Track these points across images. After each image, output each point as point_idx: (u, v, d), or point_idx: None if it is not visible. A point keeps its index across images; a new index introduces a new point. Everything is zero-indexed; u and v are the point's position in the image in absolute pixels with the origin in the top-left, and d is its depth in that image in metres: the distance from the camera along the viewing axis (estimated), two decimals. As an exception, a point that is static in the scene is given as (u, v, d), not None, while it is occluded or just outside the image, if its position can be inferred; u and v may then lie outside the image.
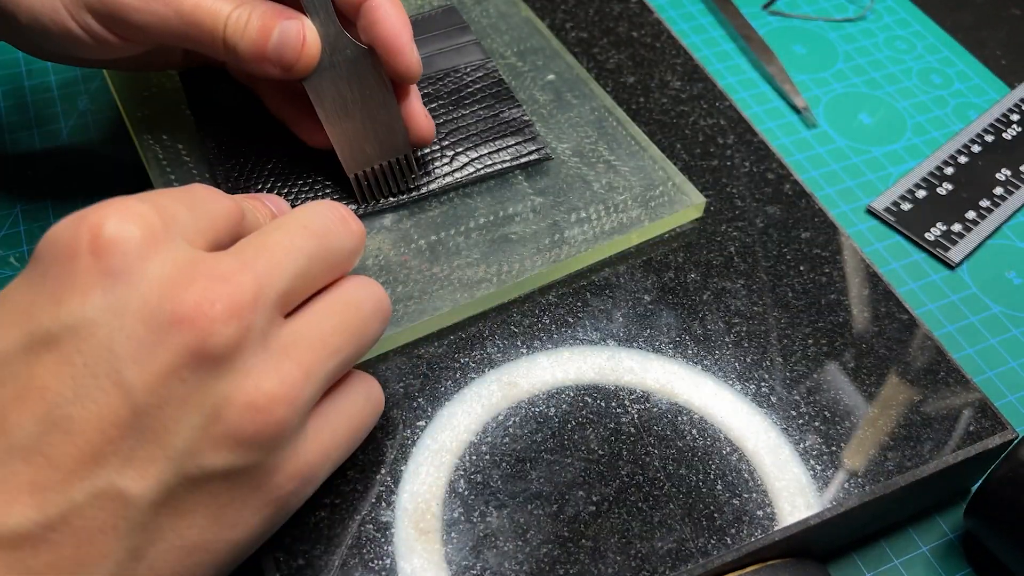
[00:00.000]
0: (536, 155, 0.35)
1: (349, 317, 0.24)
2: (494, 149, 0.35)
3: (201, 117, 0.35)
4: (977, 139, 0.45)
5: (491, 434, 0.29)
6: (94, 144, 0.41)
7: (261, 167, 0.34)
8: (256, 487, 0.22)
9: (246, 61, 0.29)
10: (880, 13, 0.52)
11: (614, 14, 0.44)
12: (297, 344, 0.22)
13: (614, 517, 0.27)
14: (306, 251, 0.23)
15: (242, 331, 0.21)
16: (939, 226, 0.41)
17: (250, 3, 0.29)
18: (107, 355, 0.20)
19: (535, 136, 0.36)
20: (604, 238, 0.33)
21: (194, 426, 0.20)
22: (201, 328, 0.20)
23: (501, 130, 0.36)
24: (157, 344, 0.20)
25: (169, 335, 0.20)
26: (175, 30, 0.29)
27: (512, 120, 0.36)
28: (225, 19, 0.29)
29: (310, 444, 0.23)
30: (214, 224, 0.23)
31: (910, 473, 0.29)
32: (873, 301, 0.33)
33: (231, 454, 0.21)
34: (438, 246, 0.33)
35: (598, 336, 0.31)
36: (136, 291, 0.20)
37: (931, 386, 0.31)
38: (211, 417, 0.20)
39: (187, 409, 0.20)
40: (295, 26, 0.29)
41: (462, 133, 0.36)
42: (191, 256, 0.21)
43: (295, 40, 0.29)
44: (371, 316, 0.25)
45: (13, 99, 0.42)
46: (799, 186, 0.37)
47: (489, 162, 0.35)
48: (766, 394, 0.30)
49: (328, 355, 0.23)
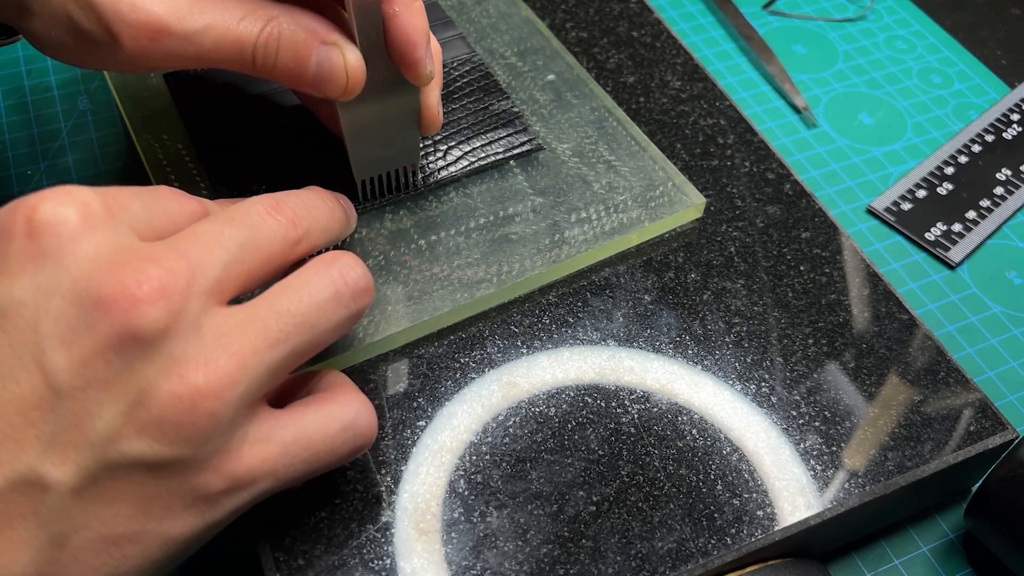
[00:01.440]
0: (528, 146, 0.35)
1: (298, 304, 0.23)
2: (486, 141, 0.35)
3: (191, 120, 0.35)
4: (977, 139, 0.45)
5: (491, 434, 0.29)
6: (94, 144, 0.41)
7: (256, 167, 0.34)
8: (183, 481, 0.21)
9: (286, 84, 0.28)
10: (880, 13, 0.52)
11: (614, 14, 0.44)
12: (234, 334, 0.21)
13: (614, 517, 0.27)
14: (236, 239, 0.23)
15: (171, 314, 0.20)
16: (939, 226, 0.41)
17: (280, 17, 0.27)
18: (32, 336, 0.20)
19: (526, 127, 0.36)
20: (604, 238, 0.33)
21: (117, 411, 0.20)
22: (127, 309, 0.20)
23: (492, 122, 0.36)
24: (83, 326, 0.20)
25: (96, 317, 0.20)
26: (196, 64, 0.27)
27: (502, 112, 0.37)
28: (252, 49, 0.26)
29: (250, 447, 0.22)
30: (171, 221, 0.23)
31: (910, 473, 0.29)
32: (873, 301, 0.33)
33: (155, 443, 0.20)
34: (438, 246, 0.33)
35: (598, 336, 0.31)
36: (66, 272, 0.20)
37: (931, 386, 0.31)
38: (135, 403, 0.20)
39: (111, 393, 0.20)
40: (335, 56, 0.27)
41: (453, 127, 0.36)
42: (127, 242, 0.21)
43: (339, 71, 0.27)
44: (328, 301, 0.23)
45: (13, 99, 0.42)
46: (799, 186, 0.37)
47: (483, 154, 0.35)
48: (766, 394, 0.30)
49: (269, 345, 0.22)
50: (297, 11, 0.27)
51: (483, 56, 0.39)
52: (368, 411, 0.25)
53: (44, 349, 0.20)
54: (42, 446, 0.20)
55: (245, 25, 0.26)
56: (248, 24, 0.26)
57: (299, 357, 0.23)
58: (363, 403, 0.25)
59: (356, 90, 0.28)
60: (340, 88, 0.27)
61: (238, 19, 0.26)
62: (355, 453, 0.25)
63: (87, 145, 0.40)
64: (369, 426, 0.25)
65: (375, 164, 0.32)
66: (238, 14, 0.26)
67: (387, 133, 0.31)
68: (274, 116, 0.36)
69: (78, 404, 0.20)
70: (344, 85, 0.27)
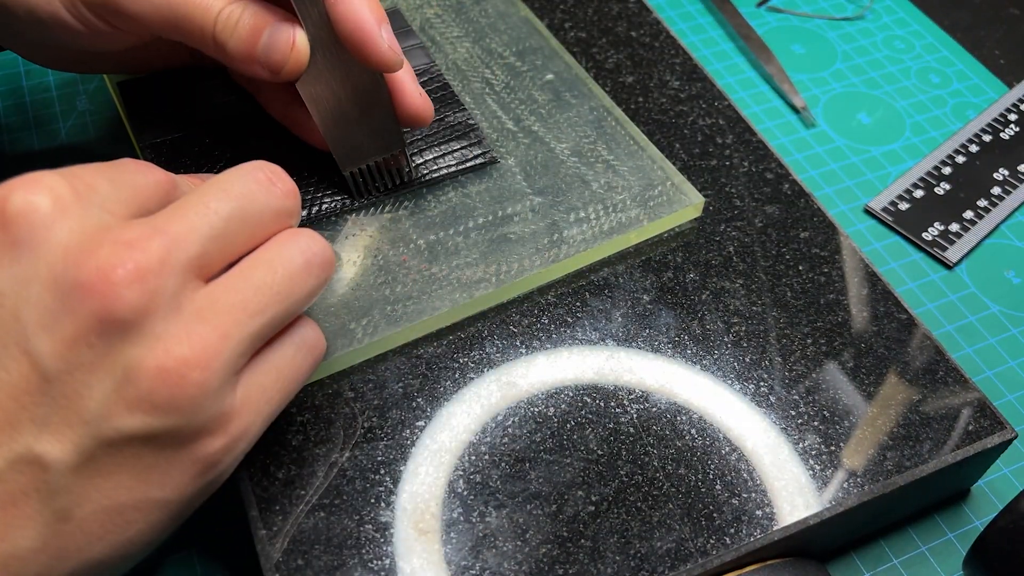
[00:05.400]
0: (481, 159, 0.35)
1: (273, 276, 0.23)
2: (439, 154, 0.35)
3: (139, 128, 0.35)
4: (975, 139, 0.45)
5: (490, 434, 0.29)
6: (93, 144, 0.41)
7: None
8: (180, 448, 0.22)
9: (235, 60, 0.29)
10: (879, 12, 0.52)
11: (613, 14, 0.44)
12: (214, 307, 0.22)
13: (613, 517, 0.27)
14: (222, 213, 0.23)
15: (147, 295, 0.21)
16: (937, 226, 0.41)
17: (244, 1, 0.29)
18: (15, 324, 0.20)
19: (480, 140, 0.36)
20: (603, 238, 0.33)
21: (106, 391, 0.21)
22: (104, 293, 0.20)
23: (446, 134, 0.36)
24: (63, 311, 0.20)
25: (75, 302, 0.20)
26: (168, 22, 0.29)
27: (457, 124, 0.36)
28: (215, 15, 0.28)
29: (239, 404, 0.23)
30: (139, 195, 0.23)
31: (909, 473, 0.29)
32: (872, 301, 0.33)
33: (147, 417, 0.21)
34: (437, 246, 0.33)
35: (597, 336, 0.31)
36: (42, 260, 0.21)
37: (930, 386, 0.31)
38: (122, 381, 0.21)
39: (97, 374, 0.20)
40: (285, 29, 0.29)
41: (407, 137, 0.35)
42: (101, 223, 0.21)
43: (284, 44, 0.29)
44: (301, 271, 0.24)
45: (12, 99, 0.42)
46: (798, 186, 0.37)
47: (435, 167, 0.35)
48: (765, 394, 0.31)
49: (249, 316, 0.22)
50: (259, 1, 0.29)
51: (481, 56, 0.39)
52: (308, 324, 0.26)
53: (28, 336, 0.20)
54: (37, 427, 0.20)
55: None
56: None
57: (276, 325, 0.24)
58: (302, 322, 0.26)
59: (299, 64, 0.29)
60: (282, 57, 0.29)
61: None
62: (315, 365, 0.26)
63: (86, 145, 0.40)
64: (315, 336, 0.26)
65: (357, 154, 0.32)
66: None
67: (360, 119, 0.32)
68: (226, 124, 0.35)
69: (67, 386, 0.20)
70: (287, 55, 0.29)
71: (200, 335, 0.21)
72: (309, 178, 0.34)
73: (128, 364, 0.21)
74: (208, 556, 0.30)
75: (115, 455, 0.21)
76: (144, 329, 0.21)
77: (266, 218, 0.24)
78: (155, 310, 0.21)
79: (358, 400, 0.29)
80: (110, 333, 0.20)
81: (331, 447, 0.28)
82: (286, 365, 0.25)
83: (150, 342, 0.21)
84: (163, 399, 0.21)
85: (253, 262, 0.23)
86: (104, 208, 0.22)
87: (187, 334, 0.21)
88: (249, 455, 0.27)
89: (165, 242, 0.21)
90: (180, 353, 0.21)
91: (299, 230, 0.25)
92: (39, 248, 0.21)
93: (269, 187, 0.24)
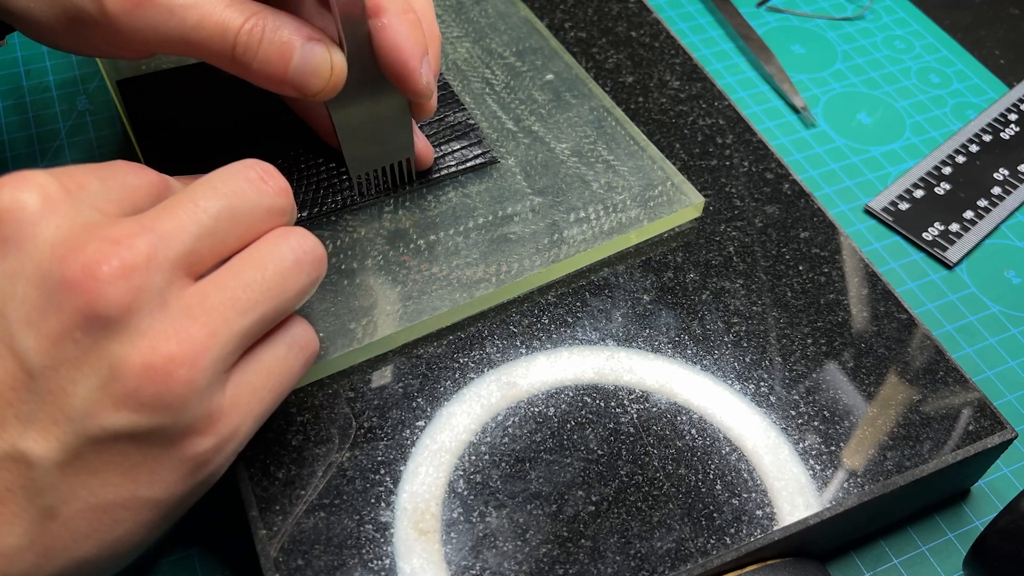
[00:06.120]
0: (481, 159, 0.35)
1: (264, 273, 0.23)
2: (439, 154, 0.35)
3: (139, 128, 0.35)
4: (975, 139, 0.45)
5: (490, 434, 0.29)
6: (93, 144, 0.41)
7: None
8: (168, 446, 0.22)
9: (261, 82, 0.27)
10: (879, 12, 0.52)
11: (613, 14, 0.44)
12: (202, 304, 0.22)
13: (613, 517, 0.27)
14: (211, 211, 0.23)
15: (133, 292, 0.21)
16: (937, 226, 0.41)
17: (265, 13, 0.26)
18: (0, 321, 0.20)
19: (480, 140, 0.36)
20: (603, 238, 0.33)
21: (91, 387, 0.20)
22: (89, 290, 0.20)
23: (446, 135, 0.36)
24: (49, 308, 0.20)
25: (60, 298, 0.20)
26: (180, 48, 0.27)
27: (457, 124, 0.36)
28: (235, 36, 0.26)
29: (228, 403, 0.23)
30: (130, 195, 0.23)
31: (909, 473, 0.29)
32: (872, 301, 0.33)
33: (133, 415, 0.21)
34: (437, 246, 0.33)
35: (597, 336, 0.31)
36: (29, 256, 0.21)
37: (930, 386, 0.31)
38: (108, 378, 0.20)
39: (82, 371, 0.20)
40: (319, 51, 0.27)
41: None
42: (89, 221, 0.21)
43: (322, 67, 0.27)
44: (291, 269, 0.24)
45: (12, 99, 0.42)
46: (798, 186, 0.37)
47: (435, 167, 0.35)
48: (765, 394, 0.31)
49: (238, 314, 0.22)
50: (283, 12, 0.27)
51: (481, 56, 0.39)
52: (300, 324, 0.25)
53: (13, 333, 0.20)
54: (22, 424, 0.20)
55: (231, 12, 0.26)
56: (234, 12, 0.26)
57: (267, 323, 0.24)
58: (294, 321, 0.25)
59: (336, 89, 0.28)
60: (322, 83, 0.27)
61: (224, 5, 0.26)
62: (307, 364, 0.26)
63: (86, 145, 0.40)
64: (308, 335, 0.26)
65: (370, 160, 0.32)
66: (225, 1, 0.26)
67: (380, 131, 0.31)
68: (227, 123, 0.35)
69: (52, 383, 0.20)
70: (327, 80, 0.27)
71: (188, 332, 0.21)
72: (310, 178, 0.34)
73: (113, 361, 0.20)
74: (208, 556, 0.30)
75: (101, 452, 0.21)
76: (130, 326, 0.21)
77: (257, 216, 0.24)
78: (141, 307, 0.21)
79: (358, 400, 0.29)
80: (95, 329, 0.20)
81: (331, 447, 0.28)
82: (277, 364, 0.24)
83: (135, 339, 0.21)
84: (149, 396, 0.21)
85: (243, 260, 0.23)
86: (94, 207, 0.22)
87: (174, 331, 0.21)
88: (249, 455, 0.27)
89: (152, 239, 0.21)
90: (167, 350, 0.21)
91: (290, 228, 0.25)
92: (26, 244, 0.21)
93: (260, 185, 0.24)
